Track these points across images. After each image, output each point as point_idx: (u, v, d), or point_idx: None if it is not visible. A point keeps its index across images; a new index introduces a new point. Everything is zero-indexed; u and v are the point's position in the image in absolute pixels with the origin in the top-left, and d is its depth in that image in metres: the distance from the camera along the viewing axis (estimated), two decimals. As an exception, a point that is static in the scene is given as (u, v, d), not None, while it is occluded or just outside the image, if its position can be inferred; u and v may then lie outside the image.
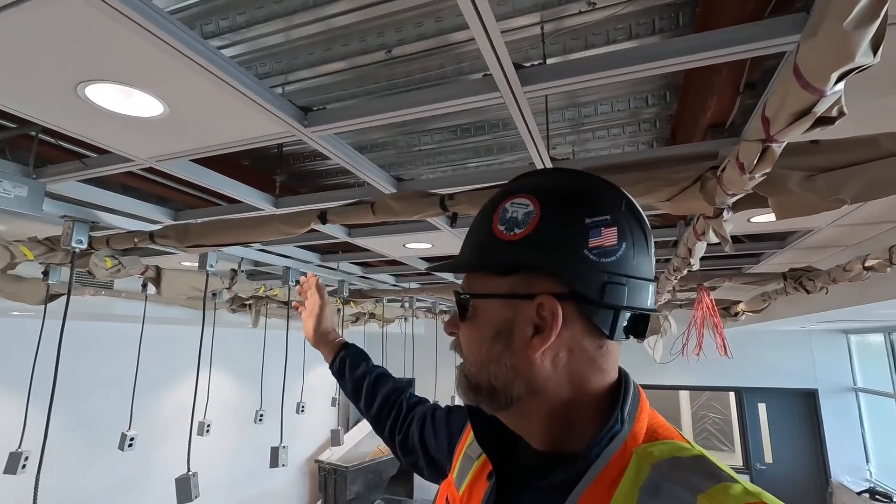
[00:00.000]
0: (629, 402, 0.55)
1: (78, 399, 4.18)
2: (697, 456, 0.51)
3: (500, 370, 0.55)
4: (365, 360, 1.08)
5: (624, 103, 2.01)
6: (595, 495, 0.49)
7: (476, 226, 0.60)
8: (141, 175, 2.07)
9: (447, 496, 0.68)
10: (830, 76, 0.58)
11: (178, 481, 2.06)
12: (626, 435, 0.52)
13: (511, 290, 0.55)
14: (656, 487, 0.47)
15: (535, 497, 0.55)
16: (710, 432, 9.28)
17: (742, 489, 0.46)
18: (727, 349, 2.49)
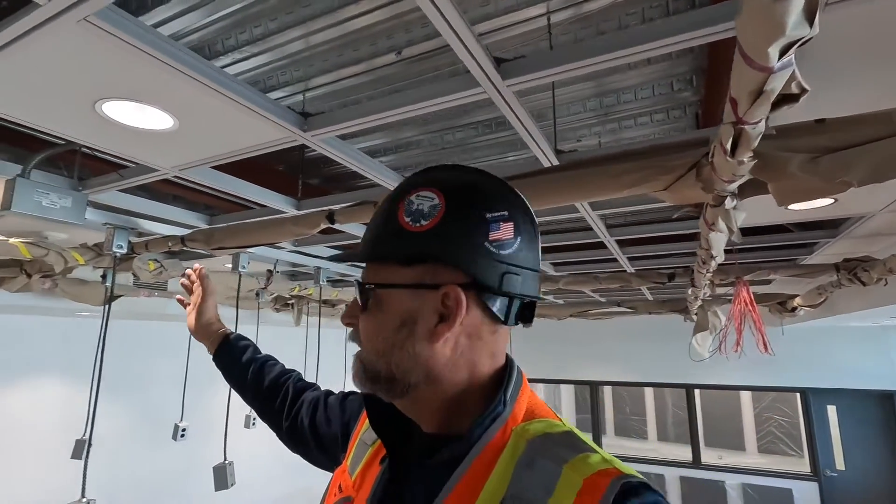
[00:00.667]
0: (512, 385, 0.59)
1: (141, 393, 4.53)
2: (566, 432, 0.57)
3: (403, 358, 0.57)
4: (250, 349, 1.06)
5: (648, 90, 1.94)
6: (477, 471, 0.54)
7: (380, 217, 0.61)
8: (186, 185, 2.23)
9: (339, 484, 0.69)
10: (768, 51, 0.55)
11: (215, 469, 2.20)
12: (507, 416, 0.57)
13: (417, 280, 0.57)
14: (530, 461, 0.53)
15: (423, 475, 0.58)
16: (775, 436, 8.69)
17: (600, 458, 0.52)
18: (768, 346, 2.33)
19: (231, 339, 1.08)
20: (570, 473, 0.50)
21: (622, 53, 1.08)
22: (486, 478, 0.53)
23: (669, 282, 3.03)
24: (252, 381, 1.00)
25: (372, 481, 0.63)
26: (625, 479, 0.49)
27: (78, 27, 0.91)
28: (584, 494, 0.48)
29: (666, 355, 7.26)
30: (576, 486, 0.49)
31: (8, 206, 1.56)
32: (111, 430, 4.36)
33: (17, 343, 3.80)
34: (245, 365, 1.02)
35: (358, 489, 0.64)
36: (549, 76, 1.13)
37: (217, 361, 1.08)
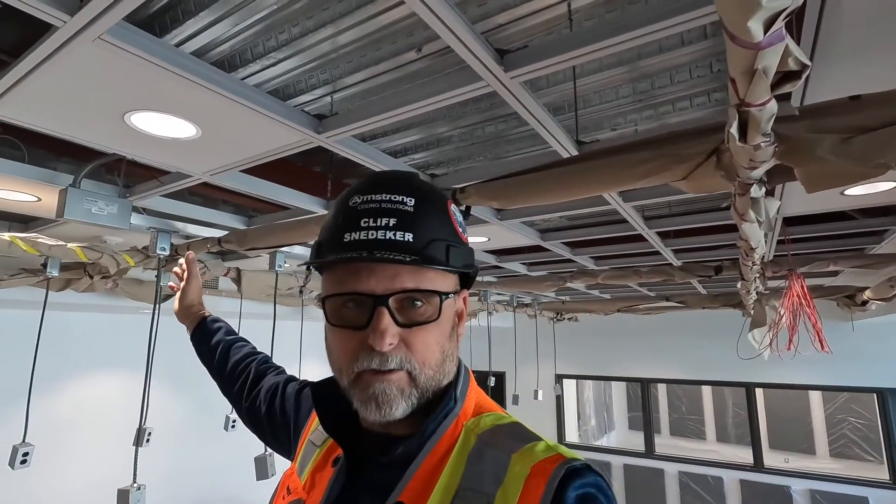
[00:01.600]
0: (461, 381, 0.61)
1: (196, 385, 4.82)
2: (513, 423, 0.59)
3: (450, 366, 0.59)
4: (222, 330, 1.10)
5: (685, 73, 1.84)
6: (430, 466, 0.55)
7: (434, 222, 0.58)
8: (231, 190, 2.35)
9: (288, 486, 0.68)
10: (748, 26, 0.50)
11: (256, 460, 2.31)
12: (458, 412, 0.59)
13: (455, 287, 0.61)
14: (480, 453, 0.55)
15: (378, 473, 0.59)
16: (849, 439, 8.04)
17: (545, 445, 0.55)
18: (825, 344, 2.15)
19: (206, 321, 1.13)
20: (518, 461, 0.52)
21: (634, 34, 1.03)
22: (439, 472, 0.54)
23: (716, 275, 2.86)
24: (219, 361, 1.03)
25: (325, 483, 0.62)
26: (569, 463, 0.51)
27: (94, 46, 0.97)
28: (532, 480, 0.50)
29: (724, 352, 6.84)
30: (524, 473, 0.51)
31: (61, 214, 1.69)
32: (171, 420, 4.67)
33: (89, 338, 4.15)
34: (214, 346, 1.05)
35: (309, 491, 0.63)
36: (556, 63, 1.09)
37: (192, 341, 1.12)
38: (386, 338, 0.52)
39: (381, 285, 0.54)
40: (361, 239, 0.54)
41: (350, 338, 0.55)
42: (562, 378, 7.97)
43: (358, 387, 0.55)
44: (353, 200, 0.58)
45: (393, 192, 0.57)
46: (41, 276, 2.60)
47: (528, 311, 6.14)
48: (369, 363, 0.54)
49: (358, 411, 0.57)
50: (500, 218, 2.48)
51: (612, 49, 1.04)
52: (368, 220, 0.55)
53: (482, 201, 1.39)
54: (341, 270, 0.56)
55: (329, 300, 0.57)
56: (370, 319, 0.53)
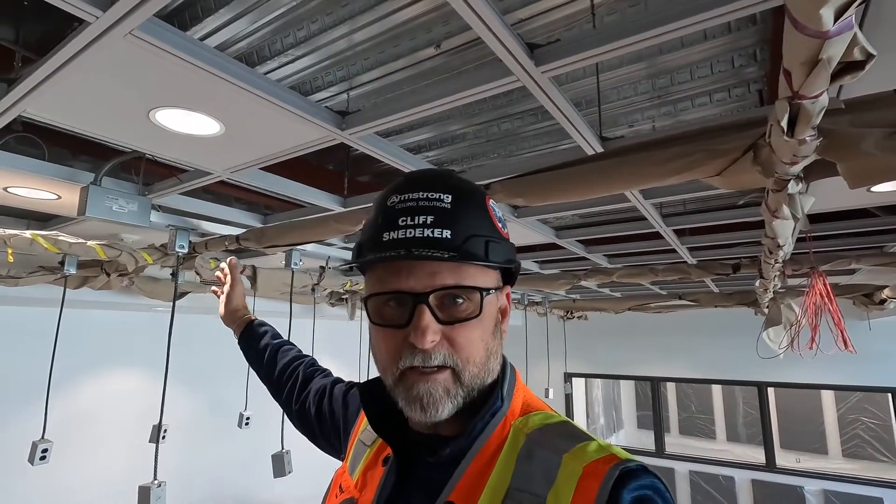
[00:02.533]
0: (507, 381, 0.60)
1: (211, 383, 4.85)
2: (563, 422, 0.58)
3: (494, 363, 0.59)
4: (268, 334, 1.11)
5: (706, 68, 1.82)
6: (480, 465, 0.54)
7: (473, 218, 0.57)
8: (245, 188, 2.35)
9: (340, 484, 0.69)
10: (821, 13, 0.48)
11: (274, 457, 2.31)
12: (505, 411, 0.58)
13: (498, 282, 0.60)
14: (530, 453, 0.54)
15: (427, 472, 0.58)
16: (863, 439, 7.96)
17: (597, 445, 0.53)
18: (849, 343, 2.12)
19: (253, 324, 1.14)
20: (569, 462, 0.51)
21: (664, 29, 1.01)
22: (488, 473, 0.53)
23: (734, 273, 2.83)
24: (267, 365, 1.05)
25: (376, 482, 0.62)
26: (623, 464, 0.50)
27: (125, 41, 0.97)
28: (585, 481, 0.49)
29: (735, 351, 6.81)
30: (576, 473, 0.50)
31: (83, 212, 1.69)
32: (187, 417, 4.70)
33: (102, 336, 4.17)
34: (262, 350, 1.07)
35: (361, 489, 0.64)
36: (586, 59, 1.08)
37: (240, 345, 1.14)
38: (427, 335, 0.53)
39: (421, 283, 0.54)
40: (399, 238, 0.54)
41: (393, 336, 0.56)
42: (571, 377, 7.94)
43: (402, 386, 0.55)
44: (390, 200, 0.58)
45: (430, 190, 0.57)
46: (59, 273, 2.61)
47: (538, 309, 6.12)
48: (412, 361, 0.54)
49: (403, 411, 0.57)
50: (517, 216, 2.46)
51: (644, 44, 1.02)
52: (406, 219, 0.55)
53: (508, 198, 1.37)
54: (382, 270, 0.57)
55: (371, 300, 0.57)
56: (411, 317, 0.54)
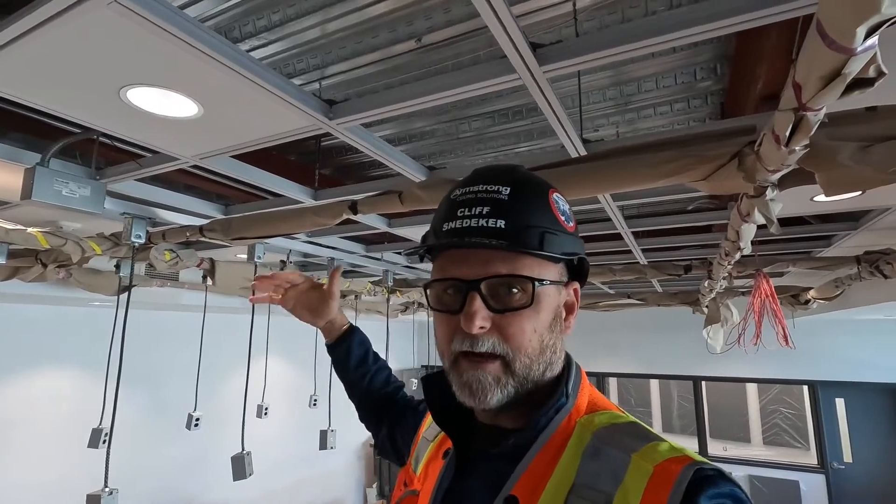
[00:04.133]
0: (572, 378, 0.61)
1: (155, 383, 4.55)
2: (631, 422, 0.58)
3: (552, 358, 0.59)
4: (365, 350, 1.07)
5: (670, 79, 1.91)
6: (543, 461, 0.55)
7: (530, 209, 0.59)
8: (199, 175, 2.21)
9: (405, 479, 0.71)
10: (857, 31, 0.52)
11: (233, 459, 2.20)
12: (570, 407, 0.59)
13: (560, 277, 0.61)
14: (596, 451, 0.53)
15: (488, 466, 0.59)
16: (781, 428, 8.69)
17: (669, 446, 0.53)
18: (789, 339, 2.31)
19: (354, 337, 1.06)
20: (639, 461, 0.50)
21: (662, 39, 1.05)
22: (552, 468, 0.54)
23: (686, 273, 3.01)
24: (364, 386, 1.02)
25: (436, 474, 0.63)
26: (697, 465, 0.48)
27: (108, 9, 0.89)
28: (656, 480, 0.48)
29: (674, 347, 7.25)
30: (646, 473, 0.49)
31: (28, 195, 1.54)
32: (126, 419, 4.38)
33: (32, 333, 3.81)
34: (356, 366, 1.03)
35: (423, 482, 0.65)
36: (587, 62, 1.10)
37: (332, 352, 1.07)
38: (475, 321, 0.54)
39: (474, 270, 0.56)
40: (457, 227, 0.57)
41: (448, 321, 0.59)
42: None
43: (455, 371, 0.58)
44: (454, 194, 0.61)
45: (490, 183, 0.59)
46: (-15, 263, 2.36)
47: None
48: (461, 345, 0.56)
49: (457, 396, 0.58)
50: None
51: (655, 47, 1.06)
52: (464, 210, 0.58)
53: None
54: (442, 258, 0.61)
55: (431, 286, 0.61)
56: (463, 304, 0.56)
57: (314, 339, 4.46)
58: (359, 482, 7.78)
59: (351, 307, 4.68)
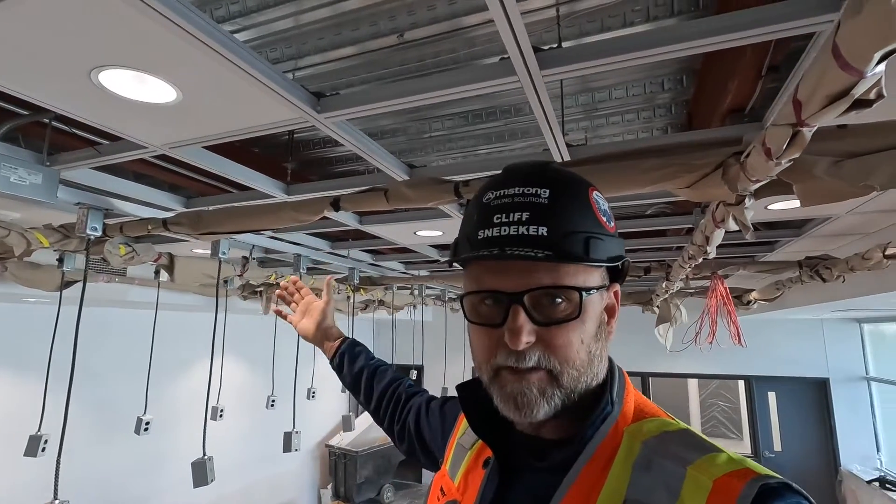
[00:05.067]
0: (616, 383, 0.58)
1: (96, 384, 4.26)
2: (683, 430, 0.54)
3: (599, 366, 0.56)
4: (363, 354, 1.08)
5: (639, 88, 1.97)
6: (592, 473, 0.52)
7: (573, 213, 0.55)
8: (153, 162, 2.07)
9: (441, 486, 0.69)
10: (873, 56, 0.56)
11: (194, 465, 2.10)
12: (616, 416, 0.56)
13: (603, 281, 0.57)
14: (647, 463, 0.50)
15: (534, 478, 0.57)
16: (718, 420, 9.27)
17: (727, 457, 0.50)
18: (741, 338, 2.46)
19: (349, 345, 1.10)
20: (696, 475, 0.47)
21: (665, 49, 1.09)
22: (601, 481, 0.51)
23: (645, 275, 3.14)
24: (366, 390, 1.03)
25: (477, 485, 0.61)
26: (762, 480, 0.46)
27: (93, -17, 0.81)
28: (716, 496, 0.45)
29: (624, 345, 7.57)
30: (705, 488, 0.46)
31: (-29, 181, 1.39)
32: (70, 423, 4.08)
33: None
34: (358, 372, 1.05)
35: (462, 492, 0.63)
36: (585, 69, 1.12)
37: (333, 365, 1.10)
38: (521, 336, 0.51)
39: (516, 282, 0.53)
40: (494, 236, 0.53)
41: (488, 335, 0.55)
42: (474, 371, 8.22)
43: (497, 384, 0.55)
44: (486, 196, 0.57)
45: (526, 185, 0.55)
46: None
47: (454, 305, 6.24)
48: (506, 360, 0.53)
49: (499, 410, 0.55)
50: (462, 211, 2.49)
51: (656, 58, 1.09)
52: (501, 216, 0.54)
53: (486, 196, 1.39)
54: (478, 268, 0.56)
55: (467, 298, 0.57)
56: (506, 317, 0.52)
57: (272, 338, 4.32)
58: (313, 483, 7.61)
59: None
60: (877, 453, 6.46)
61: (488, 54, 1.70)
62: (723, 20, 1.05)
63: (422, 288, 4.54)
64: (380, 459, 7.54)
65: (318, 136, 2.32)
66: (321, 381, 4.76)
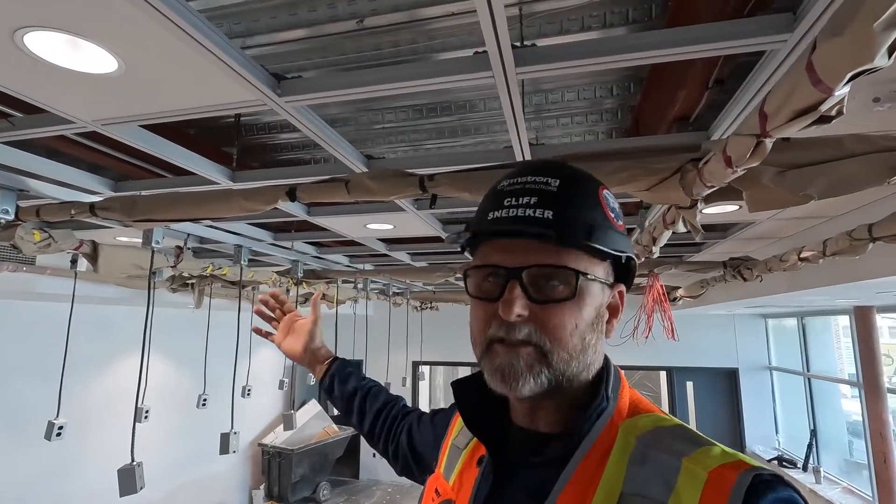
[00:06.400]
0: (611, 379, 0.59)
1: (2, 385, 3.79)
2: (677, 425, 0.56)
3: (591, 356, 0.57)
4: (354, 375, 1.05)
5: (590, 91, 2.03)
6: (588, 468, 0.53)
7: (580, 203, 0.57)
8: (72, 139, 1.86)
9: (436, 488, 0.69)
10: (846, 76, 0.60)
11: (121, 472, 1.92)
12: (612, 411, 0.57)
13: (607, 276, 0.59)
14: (643, 456, 0.51)
15: (529, 474, 0.58)
16: (641, 408, 9.92)
17: (721, 450, 0.51)
18: (674, 333, 2.64)
19: (337, 366, 1.06)
20: (691, 467, 0.48)
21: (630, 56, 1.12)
22: (598, 476, 0.51)
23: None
24: (358, 411, 1.00)
25: (471, 482, 0.61)
26: (755, 471, 0.47)
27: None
28: (711, 488, 0.46)
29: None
30: (700, 479, 0.47)
31: None
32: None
33: None
34: (352, 393, 1.01)
35: (457, 491, 0.63)
36: (559, 69, 1.13)
37: (322, 386, 1.06)
38: (513, 307, 0.53)
39: (516, 259, 0.55)
40: (502, 216, 0.56)
41: (485, 308, 0.57)
42: (418, 365, 8.24)
43: (487, 357, 0.56)
44: (501, 184, 0.60)
45: (538, 175, 0.58)
46: None
47: (396, 300, 6.19)
48: (497, 331, 0.55)
49: (488, 384, 0.57)
50: (418, 207, 2.46)
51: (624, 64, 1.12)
52: (511, 199, 0.57)
53: (452, 191, 1.37)
54: (485, 246, 0.59)
55: (471, 272, 0.59)
56: (503, 292, 0.55)
57: (200, 334, 4.06)
58: (244, 484, 7.28)
59: (247, 299, 4.34)
60: (776, 434, 7.21)
61: (449, 48, 1.68)
62: (688, 31, 1.10)
63: (366, 282, 4.45)
64: (316, 457, 7.36)
65: (262, 120, 2.20)
66: (254, 378, 4.55)
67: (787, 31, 1.00)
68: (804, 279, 2.95)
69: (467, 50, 1.58)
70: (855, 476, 5.68)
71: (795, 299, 4.05)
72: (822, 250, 2.06)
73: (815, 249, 2.14)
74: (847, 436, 6.12)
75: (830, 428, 6.25)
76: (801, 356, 6.62)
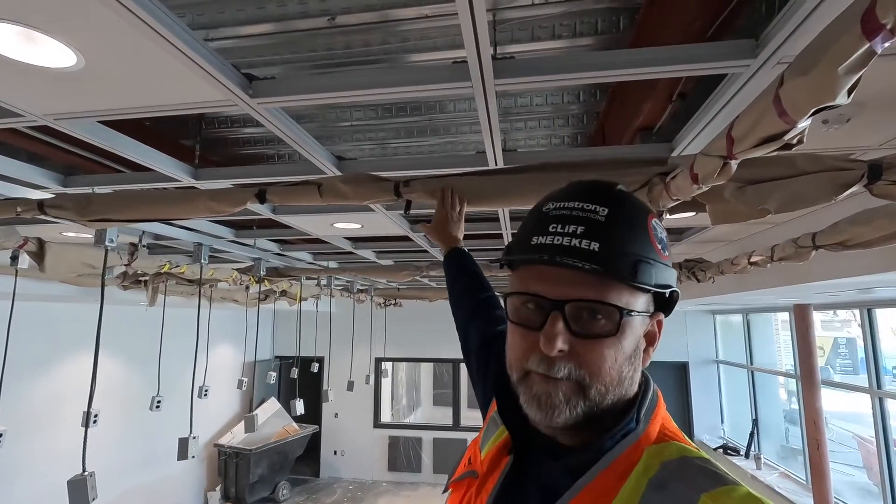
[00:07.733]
0: (647, 403, 0.59)
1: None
2: (703, 458, 0.55)
3: (628, 387, 0.56)
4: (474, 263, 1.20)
5: (557, 97, 2.07)
6: (605, 482, 0.53)
7: (627, 235, 0.56)
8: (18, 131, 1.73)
9: (470, 457, 0.71)
10: (810, 110, 0.65)
11: (71, 483, 1.83)
12: (640, 433, 0.56)
13: (647, 308, 0.58)
14: (663, 484, 0.51)
15: (545, 475, 0.59)
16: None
17: (746, 492, 0.49)
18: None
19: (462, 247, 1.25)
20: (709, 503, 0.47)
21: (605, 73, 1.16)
22: (614, 491, 0.51)
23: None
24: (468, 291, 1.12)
25: (500, 469, 0.62)
26: None
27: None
28: None
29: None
30: None
31: None
32: None
33: None
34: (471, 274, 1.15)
35: (485, 470, 0.65)
36: (535, 82, 1.15)
37: (447, 262, 1.22)
38: (555, 343, 0.52)
39: (559, 291, 0.54)
40: (546, 243, 0.55)
41: (524, 337, 0.56)
42: (381, 361, 8.20)
43: (524, 385, 0.56)
44: (546, 206, 0.59)
45: (587, 201, 0.57)
46: None
47: (360, 296, 6.13)
48: (537, 366, 0.54)
49: (524, 409, 0.57)
50: (387, 208, 2.44)
51: (595, 81, 1.15)
52: (557, 226, 0.55)
53: (426, 197, 1.37)
54: (526, 271, 0.58)
55: (511, 297, 0.58)
56: (544, 323, 0.54)
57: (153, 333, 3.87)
58: (199, 486, 7.05)
59: (206, 296, 4.18)
60: (721, 424, 7.64)
61: (421, 49, 1.67)
62: (650, 53, 1.14)
63: (330, 279, 4.38)
64: (275, 456, 7.20)
65: (225, 113, 2.12)
66: (210, 377, 4.39)
67: (750, 56, 1.06)
68: (752, 281, 3.14)
69: (440, 52, 1.58)
70: (790, 461, 6.11)
71: (742, 298, 4.29)
72: (770, 255, 2.19)
73: (763, 255, 2.27)
74: (784, 423, 6.57)
75: (770, 416, 6.69)
76: (746, 350, 7.03)
